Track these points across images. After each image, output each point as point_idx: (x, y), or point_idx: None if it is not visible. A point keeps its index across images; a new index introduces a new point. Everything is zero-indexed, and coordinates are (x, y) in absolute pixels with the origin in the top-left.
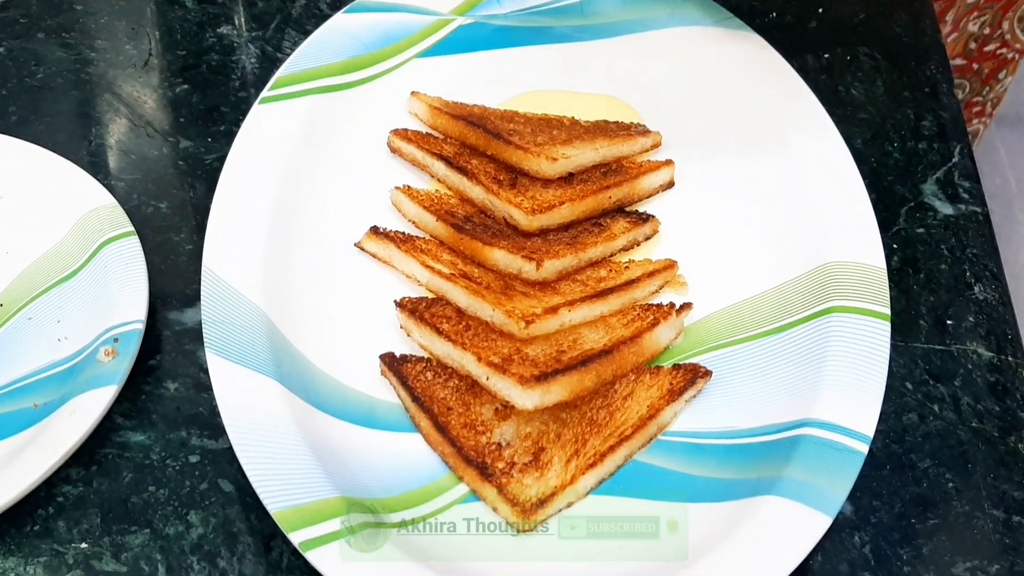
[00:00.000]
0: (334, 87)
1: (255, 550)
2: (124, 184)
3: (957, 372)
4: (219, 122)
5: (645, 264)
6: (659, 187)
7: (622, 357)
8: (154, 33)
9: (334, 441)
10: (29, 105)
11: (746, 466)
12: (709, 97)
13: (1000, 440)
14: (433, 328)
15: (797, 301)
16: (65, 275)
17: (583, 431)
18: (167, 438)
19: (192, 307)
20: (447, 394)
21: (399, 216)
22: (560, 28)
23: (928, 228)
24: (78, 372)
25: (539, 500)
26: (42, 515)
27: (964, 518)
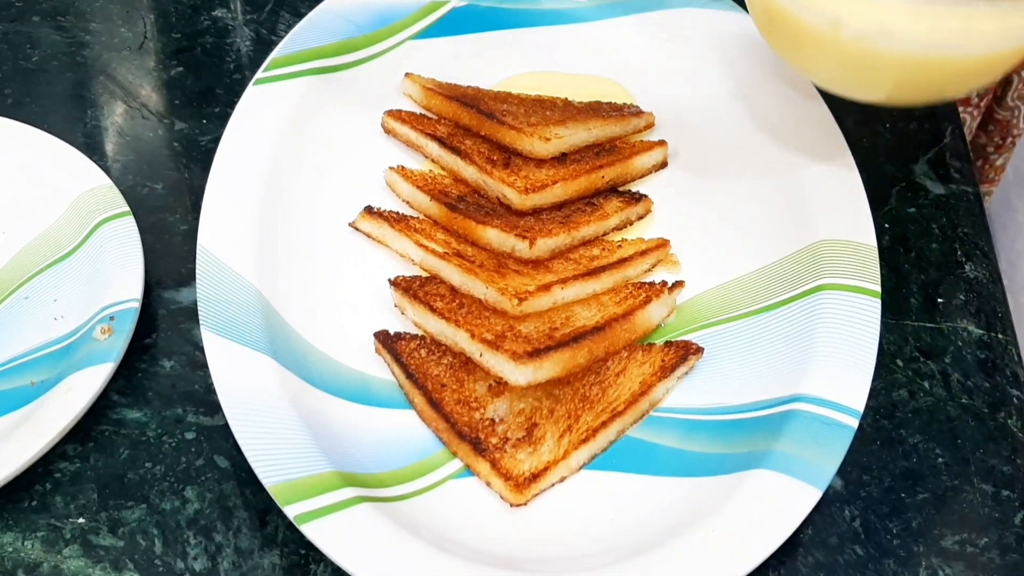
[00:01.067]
0: (328, 68)
1: (251, 524)
2: (119, 165)
3: (947, 349)
4: (213, 104)
5: (638, 243)
6: (652, 167)
7: (614, 334)
8: (148, 16)
9: (329, 417)
10: (24, 87)
11: (737, 441)
12: (701, 78)
13: (989, 416)
14: (427, 306)
15: (788, 279)
16: (61, 255)
17: (576, 407)
18: (163, 415)
19: (187, 286)
20: (441, 371)
21: (393, 196)
22: (553, 10)
23: (919, 207)
24: (74, 350)
25: (532, 475)
26: (39, 491)
27: (953, 492)
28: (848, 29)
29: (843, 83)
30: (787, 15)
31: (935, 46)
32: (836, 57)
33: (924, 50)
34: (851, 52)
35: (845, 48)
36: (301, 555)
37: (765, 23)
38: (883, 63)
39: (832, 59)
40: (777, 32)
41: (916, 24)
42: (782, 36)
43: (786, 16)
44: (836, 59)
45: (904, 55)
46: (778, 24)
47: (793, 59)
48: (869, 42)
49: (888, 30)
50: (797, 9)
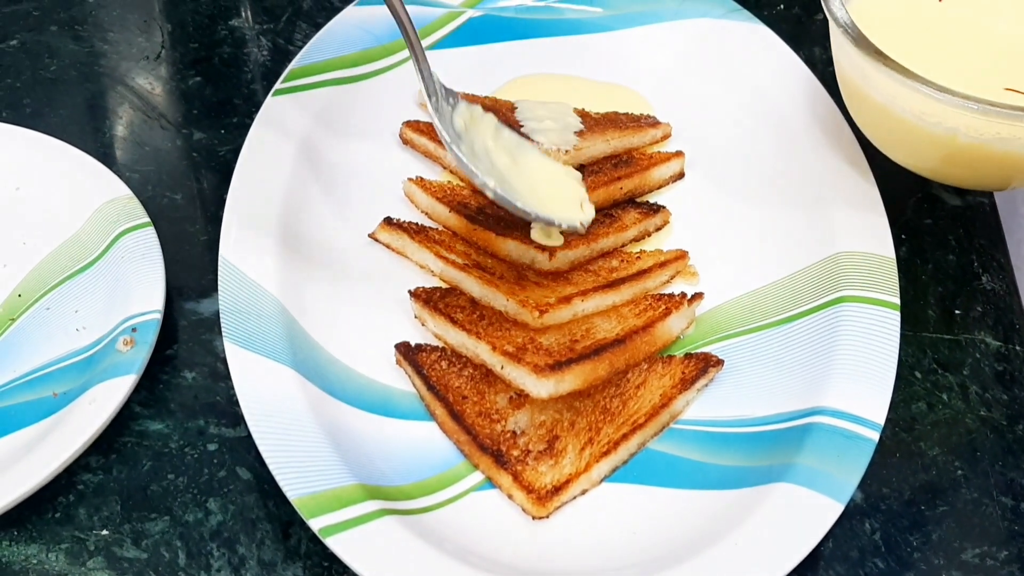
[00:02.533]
0: (346, 79)
1: (274, 536)
2: (139, 176)
3: (965, 361)
4: (232, 114)
5: (656, 254)
6: (669, 178)
7: (635, 346)
8: (166, 26)
9: (351, 429)
10: (43, 97)
11: (758, 454)
12: (718, 88)
13: (1008, 428)
14: (447, 318)
15: (808, 291)
16: (82, 265)
17: (597, 419)
18: (185, 426)
19: (208, 297)
20: (462, 383)
21: (412, 207)
22: (569, 20)
23: (936, 219)
24: (97, 361)
25: (554, 487)
26: (63, 502)
27: (972, 505)
28: (965, 137)
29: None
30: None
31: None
32: (951, 156)
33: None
34: (969, 154)
35: (960, 148)
36: (324, 567)
37: (868, 118)
38: (1007, 161)
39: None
40: (884, 131)
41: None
42: (890, 136)
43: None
44: (951, 158)
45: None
46: (885, 122)
47: (900, 156)
48: (988, 146)
49: (1005, 138)
50: (912, 117)
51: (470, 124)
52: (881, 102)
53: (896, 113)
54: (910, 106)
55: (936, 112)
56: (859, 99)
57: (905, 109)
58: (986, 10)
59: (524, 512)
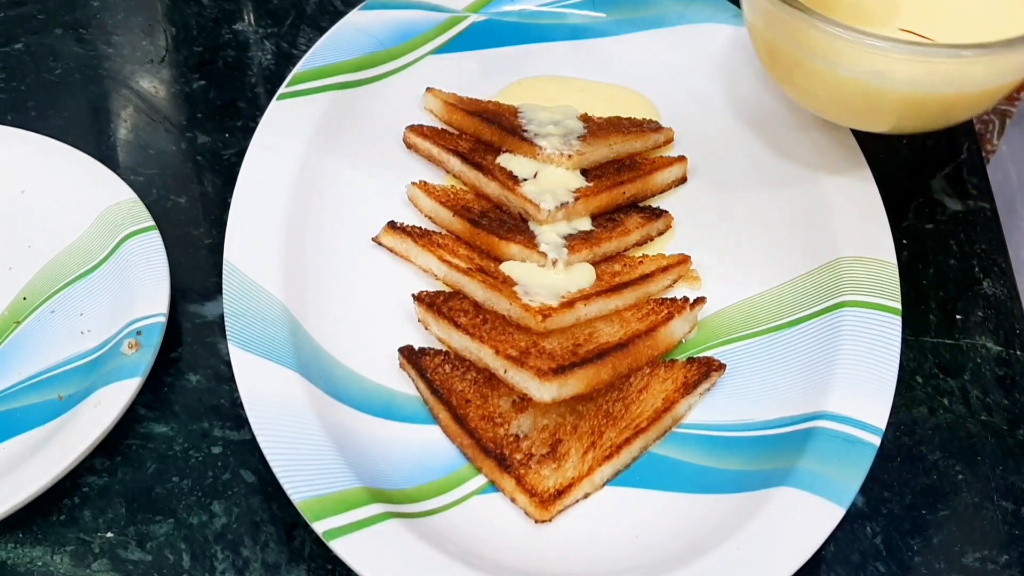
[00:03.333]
0: (350, 83)
1: (278, 539)
2: (143, 179)
3: (966, 366)
4: (236, 117)
5: (659, 259)
6: (672, 183)
7: (637, 350)
8: (170, 29)
9: (354, 432)
10: (47, 100)
11: (760, 458)
12: (720, 94)
13: (1009, 433)
14: (451, 322)
15: (809, 295)
16: (87, 268)
17: (599, 423)
18: (189, 429)
19: (212, 300)
20: (465, 386)
21: (415, 211)
22: (572, 24)
23: (937, 224)
24: (102, 364)
25: (557, 491)
26: (68, 505)
27: (973, 509)
28: (844, 69)
29: (842, 116)
30: (788, 53)
31: (927, 87)
32: (834, 92)
33: (915, 88)
34: (848, 89)
35: (842, 85)
36: (328, 570)
37: (768, 59)
38: (878, 99)
39: (830, 94)
40: (779, 68)
41: (910, 68)
42: (783, 71)
43: (787, 53)
44: (834, 94)
45: (898, 93)
46: (779, 60)
47: (795, 93)
48: (864, 81)
49: (880, 72)
50: (796, 48)
51: None
52: (772, 37)
53: (785, 47)
54: (796, 38)
55: (813, 42)
56: (756, 35)
57: (791, 42)
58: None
59: (527, 515)
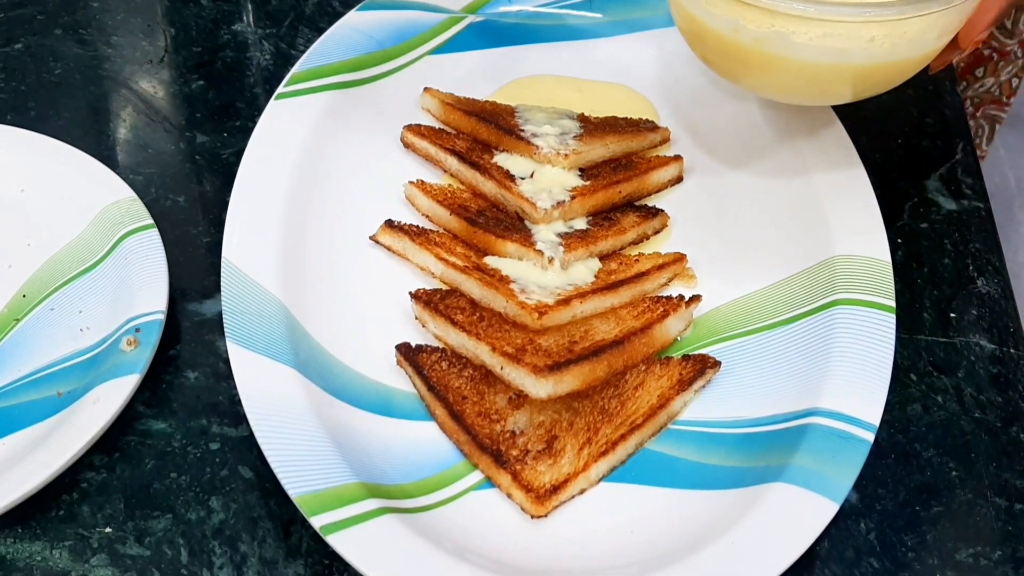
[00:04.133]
0: (348, 83)
1: (275, 535)
2: (142, 178)
3: (960, 364)
4: (234, 117)
5: (655, 257)
6: (668, 182)
7: (633, 348)
8: (169, 30)
9: (352, 429)
10: (47, 101)
11: (755, 454)
12: (716, 94)
13: (1002, 430)
14: (448, 319)
15: (804, 294)
16: (86, 266)
17: (595, 420)
18: (188, 426)
19: (210, 298)
20: (462, 383)
21: (413, 210)
22: (569, 25)
23: (931, 223)
24: (100, 361)
25: (552, 487)
26: (67, 500)
27: (967, 506)
28: (747, 33)
29: (754, 86)
30: (693, 18)
31: (831, 52)
32: (741, 60)
33: (820, 55)
34: (753, 55)
35: (748, 51)
36: (325, 565)
37: (684, 29)
38: (783, 66)
39: (738, 62)
40: (690, 36)
41: (811, 29)
42: (694, 40)
43: (693, 19)
44: (741, 62)
45: (802, 60)
46: (688, 27)
47: (711, 63)
48: (768, 45)
49: (782, 33)
50: (701, 12)
51: None
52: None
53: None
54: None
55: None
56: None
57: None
58: None
59: (523, 511)
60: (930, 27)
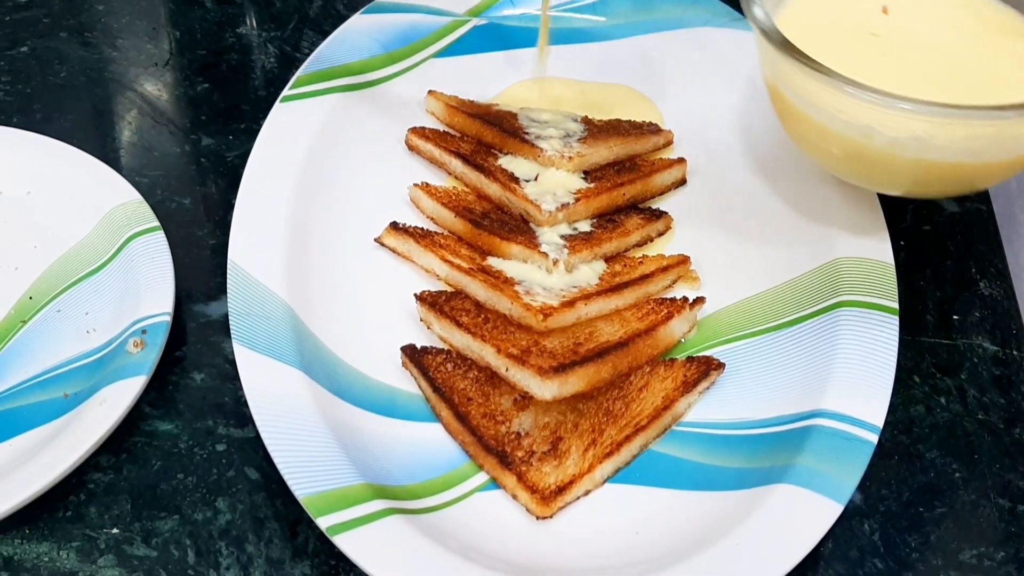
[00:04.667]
0: (353, 86)
1: (281, 535)
2: (147, 180)
3: (963, 365)
4: (239, 120)
5: (659, 259)
6: (672, 184)
7: (637, 349)
8: (174, 32)
9: (357, 430)
10: (53, 103)
11: (759, 455)
12: (720, 96)
13: (1005, 431)
14: (453, 321)
15: (808, 295)
16: (93, 268)
17: (600, 421)
18: (194, 427)
19: (216, 300)
20: (467, 385)
21: (417, 212)
22: (572, 28)
23: (934, 225)
24: (107, 363)
25: (558, 488)
26: (74, 501)
27: (970, 507)
28: (881, 138)
29: (868, 181)
30: (813, 120)
31: (968, 152)
32: (865, 161)
33: (957, 156)
34: (882, 157)
35: (876, 153)
36: (331, 566)
37: (790, 122)
38: (910, 167)
39: (861, 162)
40: (801, 132)
41: (955, 132)
42: (807, 137)
43: (812, 121)
44: (865, 162)
45: (934, 160)
46: (802, 125)
47: (819, 157)
48: (902, 149)
49: (921, 138)
50: (825, 117)
51: None
52: (803, 108)
53: (813, 116)
54: (827, 104)
55: (850, 109)
56: (783, 106)
57: (822, 109)
58: (926, 24)
59: (528, 512)
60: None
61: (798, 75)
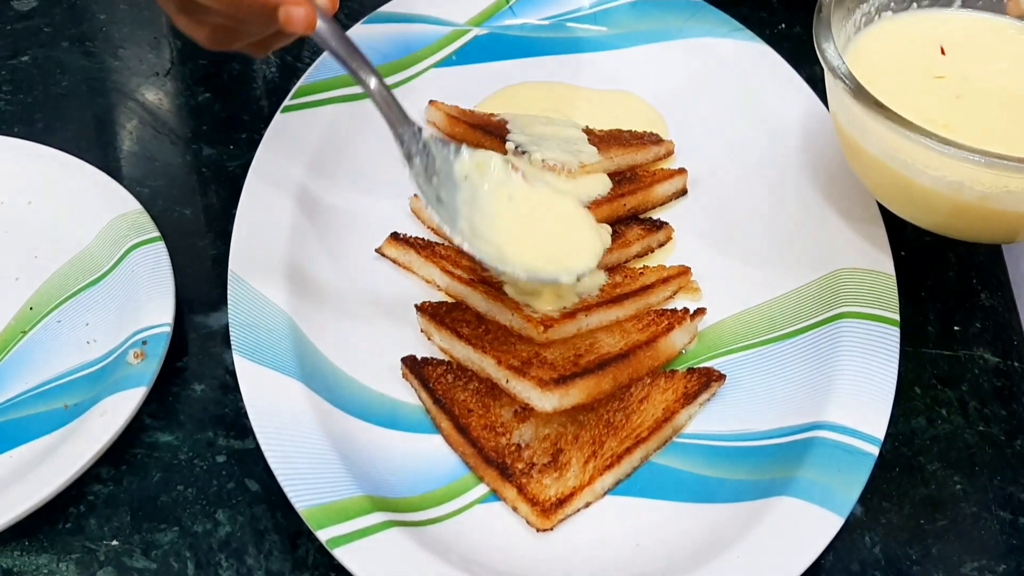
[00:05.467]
0: (354, 96)
1: (282, 547)
2: (148, 190)
3: (964, 377)
4: (240, 130)
5: (659, 270)
6: (672, 195)
7: (638, 361)
8: (175, 42)
9: (358, 442)
10: (54, 113)
11: (760, 467)
12: (720, 107)
13: (1006, 443)
14: (453, 332)
15: (808, 306)
16: (93, 279)
17: (600, 433)
18: (194, 438)
19: (217, 311)
20: (467, 396)
21: (418, 223)
22: (574, 38)
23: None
24: (108, 374)
25: (558, 500)
26: (74, 513)
27: (971, 519)
28: (971, 193)
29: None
30: (898, 175)
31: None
32: (954, 215)
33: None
34: (970, 211)
35: (965, 207)
36: None
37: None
38: (1000, 218)
39: (949, 216)
40: (885, 187)
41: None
42: (891, 191)
43: (898, 175)
44: (954, 216)
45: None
46: (883, 179)
47: (901, 210)
48: (993, 202)
49: (1015, 192)
50: (913, 172)
51: (473, 172)
52: (880, 157)
53: (895, 168)
54: (912, 159)
55: (939, 165)
56: (858, 153)
57: (906, 163)
58: (986, 63)
59: (528, 524)
60: None
61: (879, 128)
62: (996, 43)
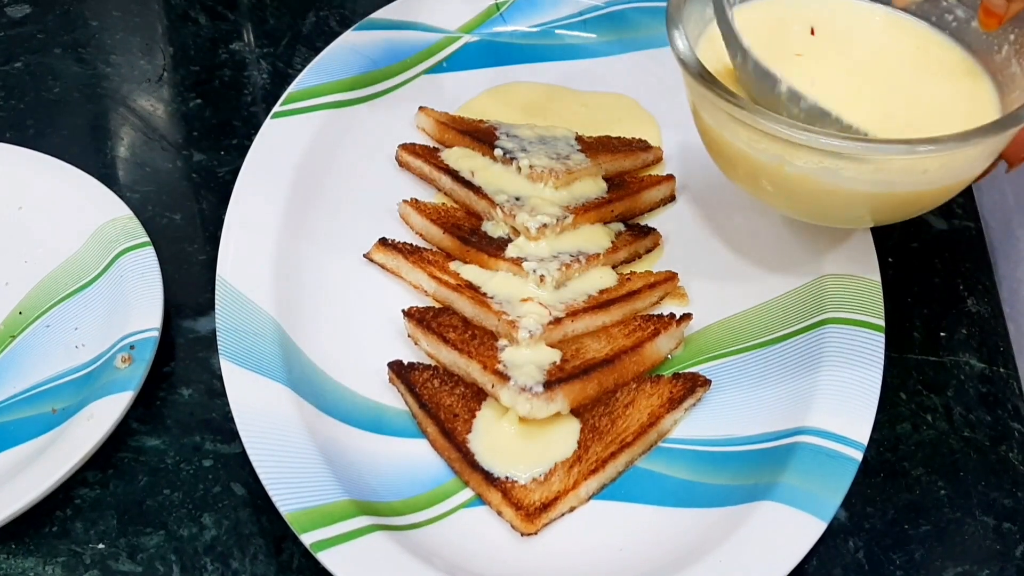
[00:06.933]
0: (344, 102)
1: (267, 551)
2: (139, 196)
3: (949, 383)
4: (231, 136)
5: (646, 276)
6: (660, 201)
7: (623, 366)
8: (167, 48)
9: (343, 446)
10: (46, 118)
11: (744, 472)
12: None
13: (991, 449)
14: (440, 337)
15: (794, 312)
16: (82, 284)
17: (585, 438)
18: (181, 443)
19: (205, 316)
20: (453, 401)
21: (407, 228)
22: (564, 45)
23: (922, 242)
24: (95, 378)
25: (542, 504)
26: (60, 516)
27: (955, 525)
28: (793, 167)
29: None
30: (733, 148)
31: (880, 184)
32: (783, 189)
33: (870, 187)
34: (797, 184)
35: (791, 181)
36: None
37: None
38: (827, 197)
39: (779, 190)
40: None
41: (862, 166)
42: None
43: (730, 145)
44: (783, 190)
45: (849, 190)
46: (720, 151)
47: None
48: (815, 177)
49: (831, 170)
50: (742, 144)
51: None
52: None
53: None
54: (742, 134)
55: (759, 139)
56: (703, 131)
57: (738, 137)
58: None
59: (513, 529)
60: (982, 152)
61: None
62: (866, 30)
